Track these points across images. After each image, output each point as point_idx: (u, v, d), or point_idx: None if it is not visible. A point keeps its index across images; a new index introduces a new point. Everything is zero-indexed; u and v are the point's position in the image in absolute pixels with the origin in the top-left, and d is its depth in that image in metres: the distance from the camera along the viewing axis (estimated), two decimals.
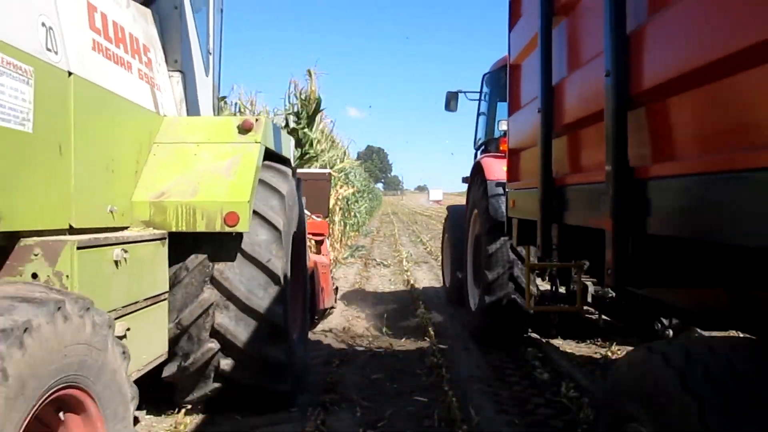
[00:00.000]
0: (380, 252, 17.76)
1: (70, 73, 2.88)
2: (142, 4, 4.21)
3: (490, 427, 4.14)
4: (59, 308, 2.00)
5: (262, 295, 3.89)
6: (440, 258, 10.40)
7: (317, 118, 14.00)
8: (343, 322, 7.41)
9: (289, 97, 13.60)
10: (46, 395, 1.94)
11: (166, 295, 3.64)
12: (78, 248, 2.58)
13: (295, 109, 13.38)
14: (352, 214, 21.22)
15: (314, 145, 13.64)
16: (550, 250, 2.72)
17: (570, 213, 2.53)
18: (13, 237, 2.54)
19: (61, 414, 2.14)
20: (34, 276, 2.54)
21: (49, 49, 2.73)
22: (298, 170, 7.31)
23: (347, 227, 18.96)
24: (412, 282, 10.92)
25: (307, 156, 13.14)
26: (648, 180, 1.84)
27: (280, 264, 4.01)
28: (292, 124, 13.03)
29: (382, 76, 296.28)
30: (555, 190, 2.64)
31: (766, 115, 1.27)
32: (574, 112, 2.50)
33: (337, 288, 8.29)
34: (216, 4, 5.34)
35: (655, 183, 1.81)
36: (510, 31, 3.75)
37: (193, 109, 4.76)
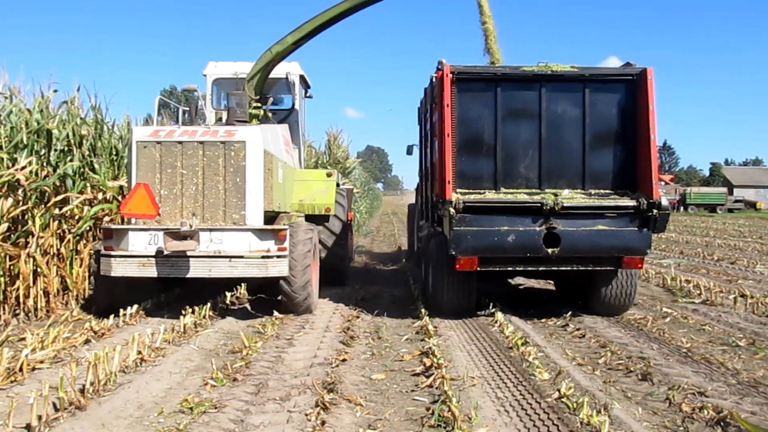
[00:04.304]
0: (380, 252, 19.26)
1: (284, 162, 9.24)
2: (280, 123, 10.51)
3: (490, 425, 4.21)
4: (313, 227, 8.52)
5: (334, 244, 10.41)
6: None
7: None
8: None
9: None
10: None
11: None
12: (297, 217, 9.04)
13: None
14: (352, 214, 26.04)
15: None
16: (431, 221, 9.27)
17: (423, 210, 9.03)
18: (278, 213, 8.91)
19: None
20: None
21: (281, 157, 9.08)
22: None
23: None
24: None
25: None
26: (438, 200, 8.07)
27: (340, 231, 10.49)
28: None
29: (382, 76, 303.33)
30: (426, 202, 9.16)
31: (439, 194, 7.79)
32: (428, 177, 9.00)
33: (356, 248, 15.01)
34: (306, 106, 11.69)
35: (444, 200, 7.86)
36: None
37: (300, 163, 11.12)
